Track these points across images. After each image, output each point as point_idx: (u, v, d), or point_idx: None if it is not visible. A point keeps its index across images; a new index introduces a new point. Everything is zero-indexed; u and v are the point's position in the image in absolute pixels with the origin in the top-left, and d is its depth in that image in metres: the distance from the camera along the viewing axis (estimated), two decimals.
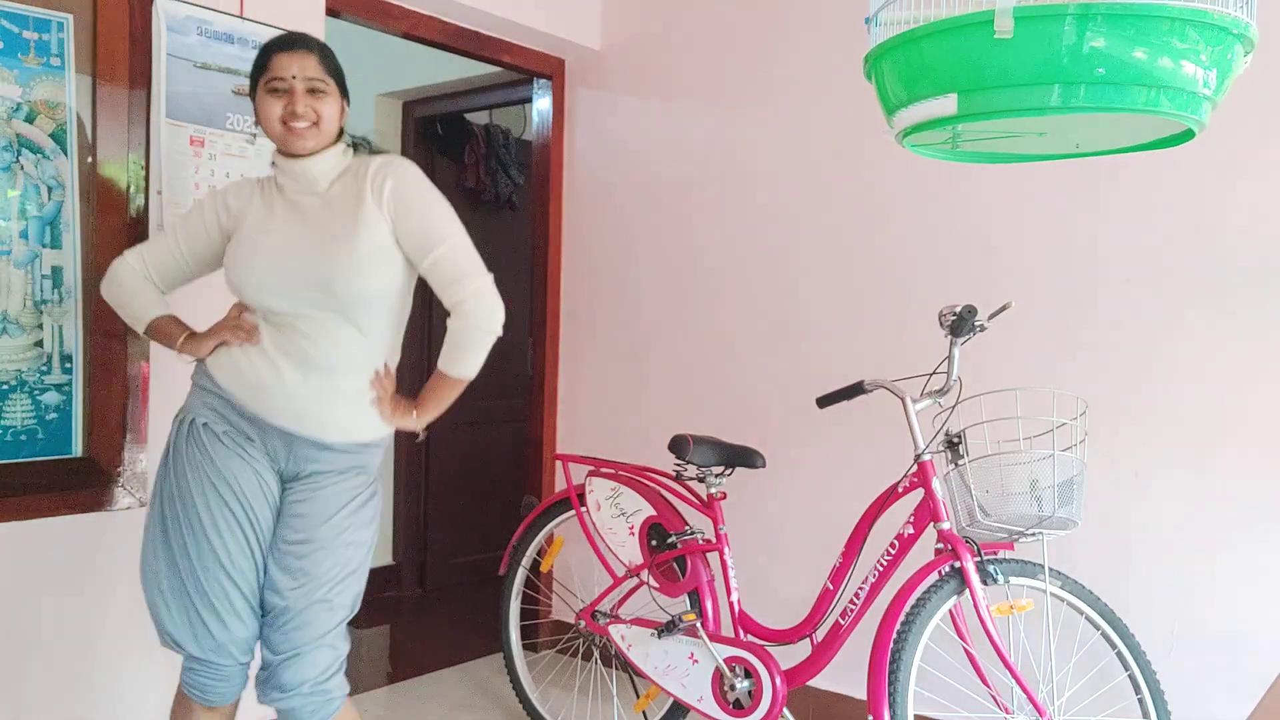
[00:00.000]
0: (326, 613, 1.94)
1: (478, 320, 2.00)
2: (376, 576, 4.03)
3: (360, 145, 2.11)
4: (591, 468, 2.83)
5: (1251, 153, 2.42)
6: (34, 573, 2.34)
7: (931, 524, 2.30)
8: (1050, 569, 2.26)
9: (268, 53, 1.99)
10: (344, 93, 2.06)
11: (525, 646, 3.14)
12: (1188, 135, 1.31)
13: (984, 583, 2.22)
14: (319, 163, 2.01)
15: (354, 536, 1.99)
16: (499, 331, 2.03)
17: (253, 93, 2.02)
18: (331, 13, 2.96)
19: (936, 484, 2.30)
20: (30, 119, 2.31)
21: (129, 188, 2.46)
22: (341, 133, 2.07)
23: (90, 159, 2.40)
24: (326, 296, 1.94)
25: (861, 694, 2.43)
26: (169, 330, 2.09)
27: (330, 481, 1.99)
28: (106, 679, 2.47)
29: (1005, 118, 1.21)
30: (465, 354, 2.02)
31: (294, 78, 1.96)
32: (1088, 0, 1.08)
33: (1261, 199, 2.42)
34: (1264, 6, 1.43)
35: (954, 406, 2.34)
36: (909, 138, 1.37)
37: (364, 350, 2.01)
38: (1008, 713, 2.26)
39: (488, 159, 4.67)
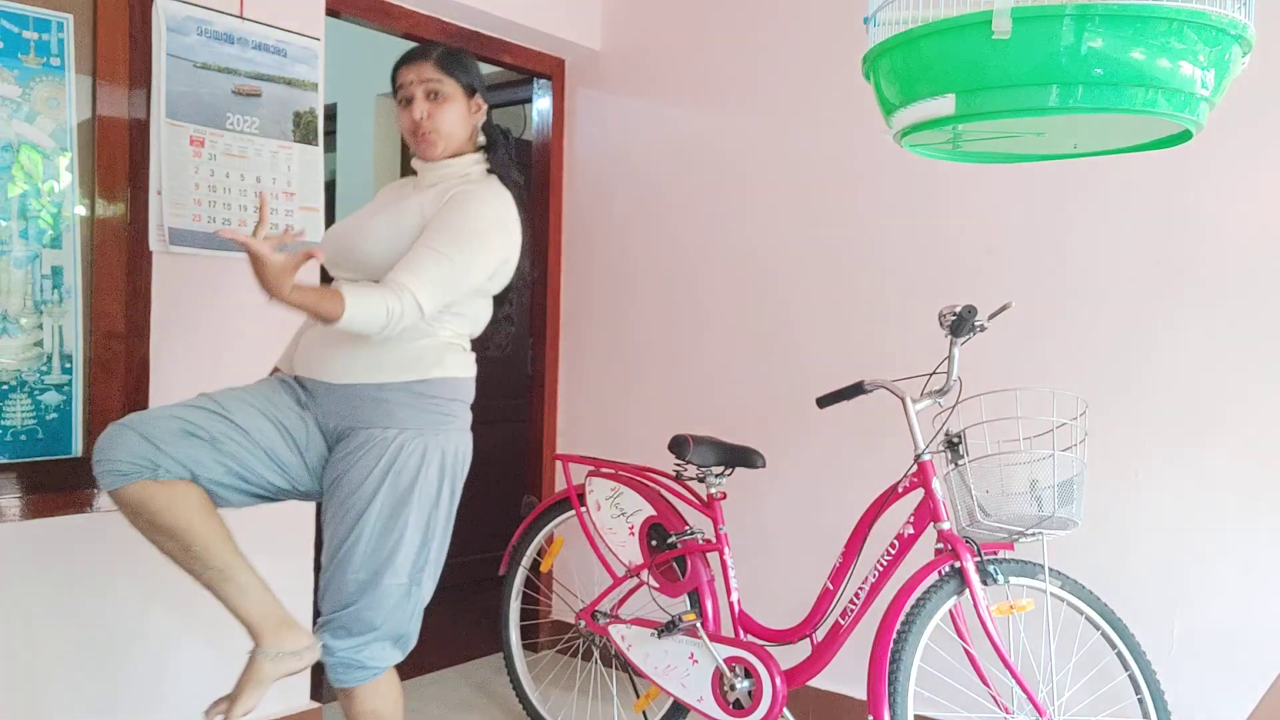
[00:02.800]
0: (353, 585, 1.96)
1: (391, 301, 1.85)
2: None
3: (496, 141, 2.19)
4: (591, 468, 2.83)
5: (1250, 153, 2.42)
6: (34, 573, 2.34)
7: (931, 524, 2.30)
8: (1050, 569, 2.26)
9: (394, 69, 2.14)
10: (472, 92, 2.13)
11: (525, 646, 3.14)
12: (1185, 136, 1.31)
13: (984, 583, 2.22)
14: (439, 168, 2.12)
15: (385, 507, 1.96)
16: (386, 327, 1.85)
17: None
18: (331, 13, 2.96)
19: (936, 484, 2.30)
20: (30, 119, 2.31)
21: (129, 188, 2.46)
22: (481, 138, 2.18)
23: (90, 158, 2.41)
24: (357, 263, 2.03)
25: (861, 694, 2.43)
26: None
27: (353, 445, 1.97)
28: (107, 678, 2.47)
29: (1003, 118, 1.21)
30: (367, 305, 1.82)
31: (411, 83, 2.08)
32: (1086, 1, 1.08)
33: (1260, 199, 2.41)
34: (1262, 8, 1.43)
35: (954, 406, 2.34)
36: (907, 138, 1.37)
37: None
38: (1008, 713, 2.26)
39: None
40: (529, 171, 4.42)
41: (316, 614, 2.06)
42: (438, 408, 2.02)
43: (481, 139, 2.19)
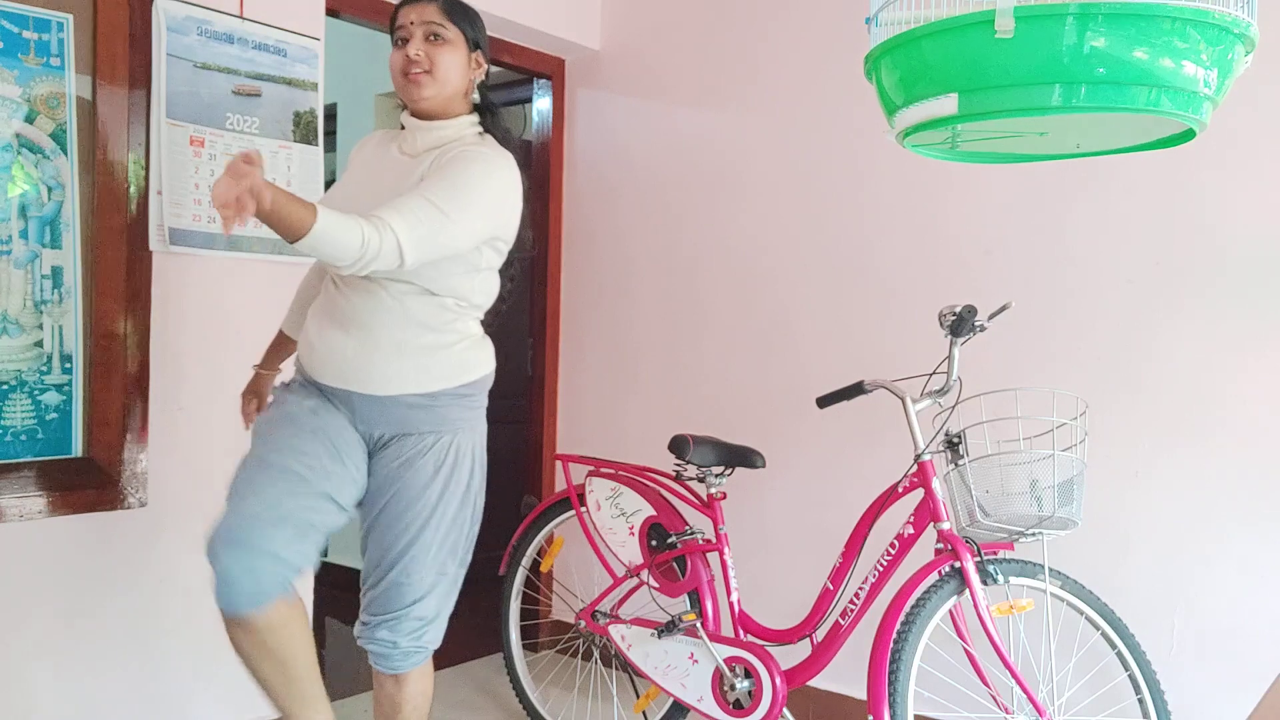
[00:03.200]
0: (422, 587, 1.99)
1: (370, 234, 1.68)
2: None
3: (491, 104, 2.10)
4: (591, 468, 2.83)
5: (1250, 152, 2.42)
6: (34, 573, 2.34)
7: (931, 524, 2.30)
8: (1050, 569, 2.26)
9: (394, 11, 2.02)
10: (475, 47, 2.03)
11: (525, 646, 3.13)
12: (1189, 135, 1.31)
13: (984, 583, 2.22)
14: (432, 130, 2.00)
15: (448, 511, 2.00)
16: (355, 262, 1.69)
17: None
18: (331, 13, 2.96)
19: (936, 484, 2.30)
20: (30, 119, 2.31)
21: (129, 188, 2.46)
22: (474, 98, 2.07)
23: (90, 159, 2.40)
24: None
25: (861, 694, 2.43)
26: (271, 349, 2.35)
27: (407, 453, 1.96)
28: (107, 679, 2.46)
29: (1006, 117, 1.21)
30: (341, 224, 1.65)
31: (412, 24, 1.97)
32: (1088, 0, 1.08)
33: (1260, 198, 2.42)
34: (1264, 6, 1.43)
35: (954, 406, 2.34)
36: (909, 138, 1.37)
37: (406, 306, 1.92)
38: (1008, 713, 2.26)
39: None
40: (529, 171, 4.42)
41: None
42: (475, 404, 2.05)
43: (476, 97, 2.09)
